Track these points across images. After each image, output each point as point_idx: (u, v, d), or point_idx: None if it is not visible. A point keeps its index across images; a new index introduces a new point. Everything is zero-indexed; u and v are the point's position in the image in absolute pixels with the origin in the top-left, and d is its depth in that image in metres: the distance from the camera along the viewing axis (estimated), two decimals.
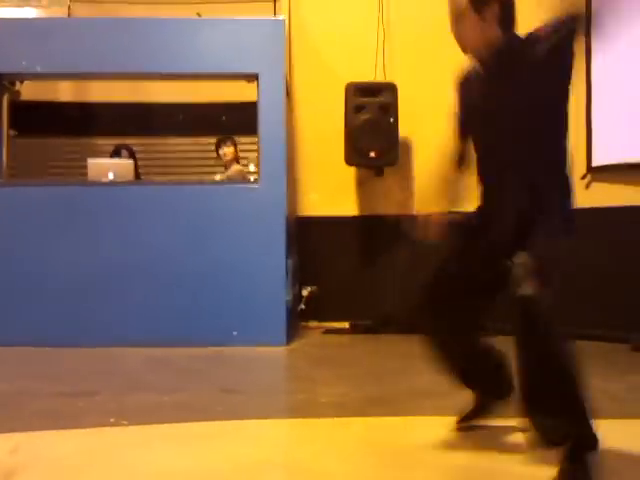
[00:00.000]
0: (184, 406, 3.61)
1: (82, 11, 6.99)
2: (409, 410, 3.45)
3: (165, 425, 3.22)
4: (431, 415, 3.34)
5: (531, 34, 2.54)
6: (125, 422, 3.24)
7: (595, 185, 6.08)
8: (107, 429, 3.16)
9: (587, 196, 6.08)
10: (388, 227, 6.70)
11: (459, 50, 2.65)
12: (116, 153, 6.61)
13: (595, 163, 6.06)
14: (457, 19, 2.61)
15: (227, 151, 6.58)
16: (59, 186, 5.84)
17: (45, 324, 5.45)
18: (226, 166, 6.59)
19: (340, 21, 6.79)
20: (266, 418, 3.37)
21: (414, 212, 6.60)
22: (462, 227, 2.75)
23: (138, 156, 6.69)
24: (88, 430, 3.14)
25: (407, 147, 6.67)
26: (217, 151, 6.68)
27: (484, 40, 2.60)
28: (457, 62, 2.76)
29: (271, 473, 2.60)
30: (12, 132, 5.98)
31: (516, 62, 2.56)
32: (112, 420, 3.27)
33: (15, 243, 5.60)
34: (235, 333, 5.52)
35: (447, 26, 2.66)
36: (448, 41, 2.69)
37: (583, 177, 6.11)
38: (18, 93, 6.17)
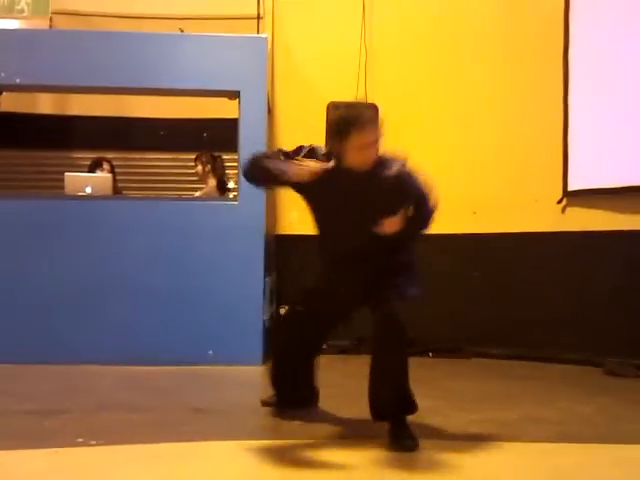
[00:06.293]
0: (153, 425, 3.54)
1: (64, 23, 6.94)
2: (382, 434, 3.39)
3: (131, 445, 3.16)
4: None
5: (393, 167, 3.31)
6: (93, 442, 3.18)
7: (570, 210, 6.09)
8: (74, 449, 3.09)
9: (562, 220, 6.08)
10: None
11: (441, 73, 2.67)
12: (96, 165, 6.48)
13: (571, 187, 6.07)
14: (376, 142, 3.24)
15: (196, 170, 6.53)
16: (35, 199, 5.76)
17: (15, 340, 5.34)
18: (205, 183, 6.52)
19: (323, 40, 6.78)
20: (235, 439, 3.30)
21: None
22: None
23: (117, 171, 6.61)
24: (55, 450, 3.05)
25: None
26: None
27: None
28: (439, 85, 2.75)
29: None
30: None
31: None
32: (80, 440, 3.20)
33: None
34: (211, 352, 5.45)
35: (430, 49, 2.64)
36: (431, 63, 2.68)
37: (559, 201, 6.12)
38: None
